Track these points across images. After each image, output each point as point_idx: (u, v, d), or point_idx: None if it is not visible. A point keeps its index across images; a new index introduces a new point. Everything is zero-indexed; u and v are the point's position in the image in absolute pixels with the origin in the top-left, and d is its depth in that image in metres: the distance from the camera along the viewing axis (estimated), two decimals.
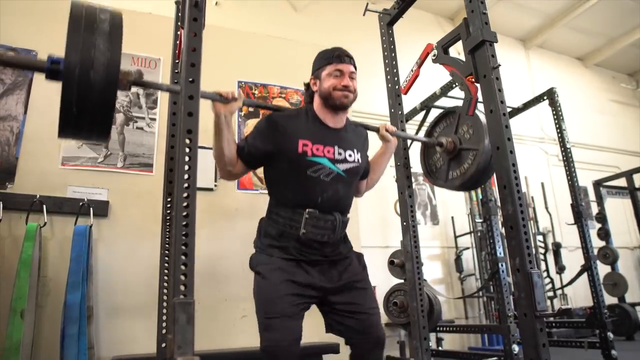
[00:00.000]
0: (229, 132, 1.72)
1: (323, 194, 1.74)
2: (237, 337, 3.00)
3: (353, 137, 1.91)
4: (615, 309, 5.10)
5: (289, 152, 1.73)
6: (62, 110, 1.14)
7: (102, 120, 1.20)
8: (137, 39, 3.25)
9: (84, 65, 1.13)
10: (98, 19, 1.19)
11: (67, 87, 1.12)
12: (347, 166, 1.81)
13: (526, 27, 7.46)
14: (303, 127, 1.79)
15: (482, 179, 2.11)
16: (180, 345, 0.98)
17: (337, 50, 1.86)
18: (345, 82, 1.79)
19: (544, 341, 1.46)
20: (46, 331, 2.59)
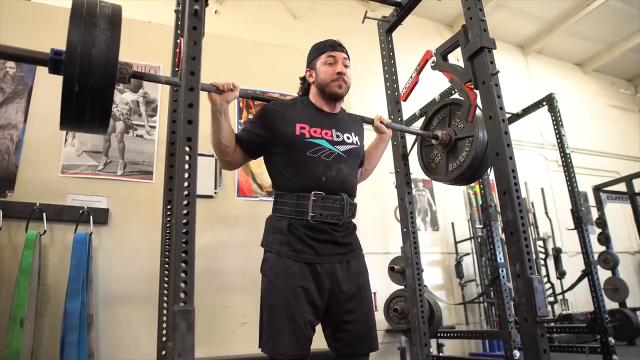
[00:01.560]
0: (227, 120, 1.74)
1: (326, 172, 1.74)
2: (237, 344, 2.99)
3: (349, 122, 1.96)
4: (616, 314, 5.08)
5: (287, 135, 1.75)
6: (64, 101, 1.18)
7: (102, 109, 1.23)
8: (137, 47, 3.27)
9: (85, 56, 1.17)
10: (99, 12, 1.23)
11: (69, 78, 1.16)
12: (347, 147, 1.84)
13: (525, 33, 7.49)
14: (300, 113, 1.83)
15: (481, 167, 2.09)
16: (180, 352, 0.98)
17: (330, 40, 1.92)
18: (339, 68, 1.84)
19: (544, 347, 1.45)
20: (46, 339, 2.58)
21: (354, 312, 1.72)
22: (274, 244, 1.72)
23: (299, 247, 1.69)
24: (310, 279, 1.66)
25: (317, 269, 1.68)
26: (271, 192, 3.42)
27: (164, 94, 3.22)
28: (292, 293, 1.62)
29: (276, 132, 1.77)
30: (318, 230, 1.71)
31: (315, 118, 1.83)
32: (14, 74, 2.93)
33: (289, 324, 1.58)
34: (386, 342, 4.53)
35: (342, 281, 1.72)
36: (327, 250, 1.72)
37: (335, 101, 1.90)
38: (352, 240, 1.82)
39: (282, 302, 1.61)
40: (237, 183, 3.37)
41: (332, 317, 1.72)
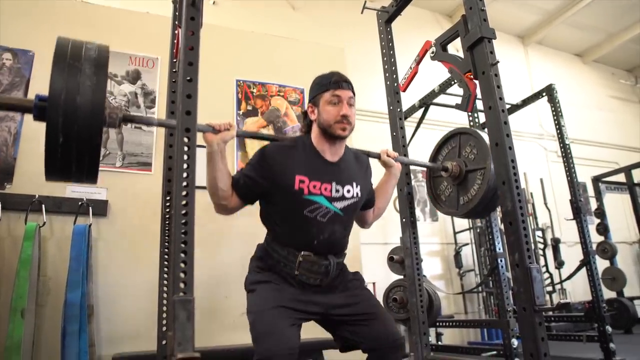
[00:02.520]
0: (223, 163, 1.65)
1: (319, 236, 1.70)
2: (236, 334, 3.00)
3: (353, 169, 1.86)
4: (613, 303, 5.12)
5: (285, 187, 1.68)
6: (48, 152, 1.11)
7: (90, 160, 1.16)
8: (135, 38, 3.26)
9: (69, 103, 1.10)
10: (84, 55, 1.16)
11: (52, 127, 1.10)
12: (345, 204, 1.77)
13: (525, 24, 7.46)
14: (300, 160, 1.73)
15: (494, 200, 2.01)
16: (180, 342, 0.99)
17: (335, 75, 1.78)
18: (343, 110, 1.72)
19: (542, 335, 1.46)
20: (47, 330, 2.60)
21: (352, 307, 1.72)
22: (260, 269, 1.77)
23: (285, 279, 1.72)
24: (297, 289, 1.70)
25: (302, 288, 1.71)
26: None
27: (162, 85, 3.21)
28: (279, 300, 1.63)
29: (274, 182, 1.70)
30: (301, 283, 1.72)
31: (315, 169, 1.74)
32: (10, 65, 2.92)
33: (275, 325, 1.55)
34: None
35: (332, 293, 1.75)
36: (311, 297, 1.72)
37: (338, 141, 1.79)
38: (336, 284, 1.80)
39: (268, 306, 1.61)
40: None
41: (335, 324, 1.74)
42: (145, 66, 3.29)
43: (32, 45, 2.99)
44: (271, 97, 3.63)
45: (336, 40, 4.48)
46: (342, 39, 4.75)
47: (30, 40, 3.00)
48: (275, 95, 3.65)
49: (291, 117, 3.66)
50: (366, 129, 4.99)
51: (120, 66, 3.23)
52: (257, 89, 3.60)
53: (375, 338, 1.67)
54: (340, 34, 5.39)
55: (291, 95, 3.70)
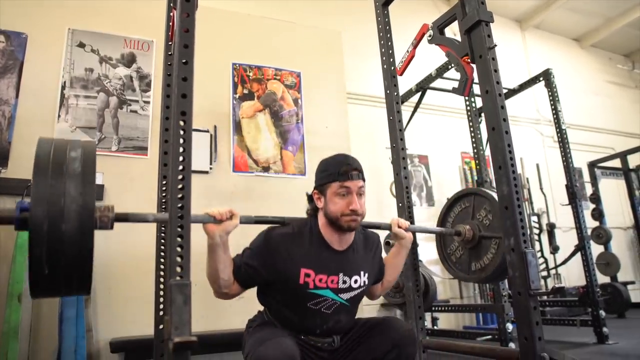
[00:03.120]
0: (226, 254, 1.56)
1: (323, 325, 1.63)
2: (233, 318, 3.02)
3: (362, 255, 1.76)
4: (607, 288, 5.17)
5: (289, 281, 1.59)
6: (32, 269, 1.00)
7: (80, 274, 1.06)
8: (130, 21, 3.22)
9: (53, 216, 1.00)
10: (68, 158, 1.07)
11: (36, 242, 0.99)
12: (352, 294, 1.69)
13: (522, 8, 7.39)
14: (306, 252, 1.63)
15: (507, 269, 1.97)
16: (177, 326, 0.99)
17: (344, 165, 1.64)
18: (353, 205, 1.60)
19: (537, 319, 1.48)
20: (44, 315, 2.61)
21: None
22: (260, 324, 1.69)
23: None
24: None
25: None
26: (267, 167, 3.42)
27: (157, 69, 3.18)
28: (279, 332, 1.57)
29: (278, 275, 1.61)
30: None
31: (322, 261, 1.64)
32: (3, 48, 2.88)
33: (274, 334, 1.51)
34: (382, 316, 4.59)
35: None
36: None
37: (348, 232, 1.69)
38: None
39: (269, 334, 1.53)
40: (233, 158, 3.36)
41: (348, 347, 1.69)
42: (140, 49, 3.26)
43: (25, 27, 2.95)
44: (267, 81, 3.60)
45: (333, 24, 4.44)
46: (340, 23, 4.70)
47: (23, 22, 2.96)
48: (271, 79, 3.62)
49: (287, 100, 3.64)
50: (363, 114, 4.97)
51: (115, 49, 3.19)
52: (253, 72, 3.57)
53: (392, 336, 1.60)
54: (337, 17, 5.33)
55: (287, 79, 3.67)
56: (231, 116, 3.40)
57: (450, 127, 5.66)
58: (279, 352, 1.37)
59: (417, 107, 3.93)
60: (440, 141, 5.71)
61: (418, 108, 3.93)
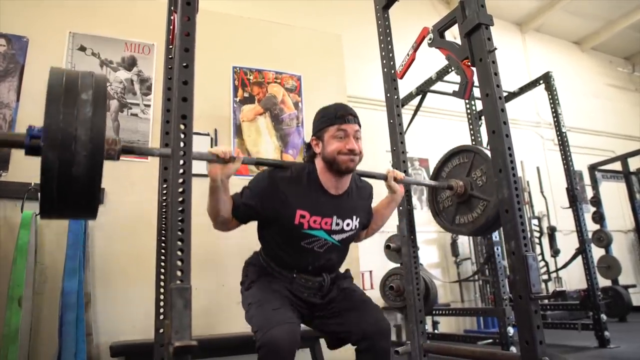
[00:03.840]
0: (226, 195, 1.66)
1: (315, 263, 1.75)
2: (234, 322, 3.01)
3: (355, 200, 1.85)
4: (608, 292, 5.16)
5: (285, 220, 1.69)
6: (43, 190, 1.04)
7: (89, 197, 1.11)
8: (131, 24, 3.23)
9: (65, 142, 1.03)
10: (80, 86, 1.09)
11: (47, 166, 1.02)
12: (344, 236, 1.80)
13: (523, 11, 7.41)
14: (303, 194, 1.71)
15: (491, 230, 2.06)
16: (177, 330, 0.99)
17: (340, 109, 1.75)
18: (350, 145, 1.69)
19: (538, 323, 1.47)
20: (44, 318, 2.60)
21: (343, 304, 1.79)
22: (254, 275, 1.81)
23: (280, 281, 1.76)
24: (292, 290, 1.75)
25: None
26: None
27: (158, 72, 3.18)
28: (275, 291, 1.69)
29: (274, 214, 1.70)
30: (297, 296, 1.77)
31: (318, 204, 1.73)
32: (4, 51, 2.88)
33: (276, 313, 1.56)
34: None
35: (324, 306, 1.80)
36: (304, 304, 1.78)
37: (344, 175, 1.77)
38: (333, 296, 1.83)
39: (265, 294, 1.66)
40: None
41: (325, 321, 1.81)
42: (141, 52, 3.26)
43: (26, 31, 2.96)
44: (268, 84, 3.61)
45: (333, 27, 4.44)
46: (339, 26, 4.71)
47: (24, 25, 2.96)
48: (272, 82, 3.62)
49: (288, 104, 3.64)
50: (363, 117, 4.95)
51: (115, 52, 3.20)
52: (253, 75, 3.58)
53: (364, 326, 1.69)
54: (337, 20, 5.35)
55: (288, 82, 3.67)
56: (232, 119, 3.40)
57: (450, 130, 5.66)
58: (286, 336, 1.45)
59: (418, 110, 3.93)
60: (441, 144, 5.69)
61: (418, 111, 3.93)
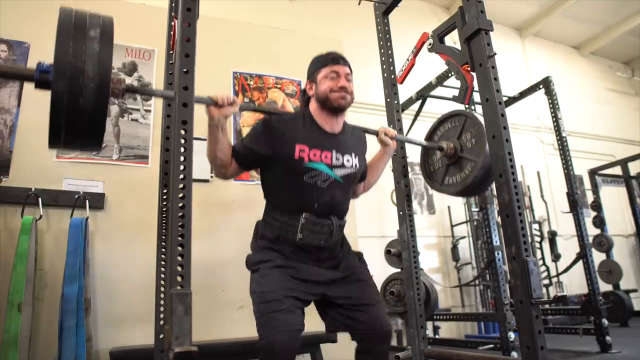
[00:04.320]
0: (224, 136, 1.69)
1: (319, 199, 1.73)
2: (234, 327, 3.01)
3: (351, 141, 1.90)
4: (609, 296, 5.14)
5: (285, 156, 1.71)
6: (52, 121, 1.11)
7: (95, 130, 1.17)
8: (131, 30, 3.23)
9: (74, 74, 1.09)
10: (88, 24, 1.14)
11: (57, 98, 1.08)
12: (345, 172, 1.80)
13: (522, 16, 7.43)
14: (300, 131, 1.77)
15: (478, 190, 2.10)
16: (177, 336, 0.98)
17: (332, 53, 1.85)
18: (341, 83, 1.78)
19: (539, 328, 1.47)
20: (44, 324, 2.59)
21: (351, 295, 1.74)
22: (260, 248, 1.76)
23: (286, 254, 1.72)
24: (300, 268, 1.70)
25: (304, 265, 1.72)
26: None
27: (159, 78, 3.18)
28: (283, 277, 1.65)
29: (274, 151, 1.73)
30: (304, 249, 1.73)
31: (315, 138, 1.78)
32: (6, 57, 2.89)
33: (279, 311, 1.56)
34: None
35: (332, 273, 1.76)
36: (313, 263, 1.74)
37: (338, 114, 1.84)
38: (338, 253, 1.82)
39: (273, 285, 1.63)
40: None
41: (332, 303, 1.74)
42: (141, 58, 3.27)
43: (27, 36, 2.97)
44: (268, 90, 3.61)
45: (333, 32, 4.45)
46: (340, 31, 4.71)
47: (26, 31, 2.97)
48: (272, 87, 3.63)
49: (288, 109, 3.65)
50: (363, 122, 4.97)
51: (116, 58, 3.20)
52: (254, 81, 3.58)
53: (370, 326, 1.70)
54: (337, 25, 5.36)
55: (288, 88, 3.68)
56: (232, 125, 3.41)
57: None
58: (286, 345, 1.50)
59: (418, 115, 3.94)
60: None
61: (418, 116, 3.94)
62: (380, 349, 1.72)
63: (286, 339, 1.50)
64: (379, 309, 1.77)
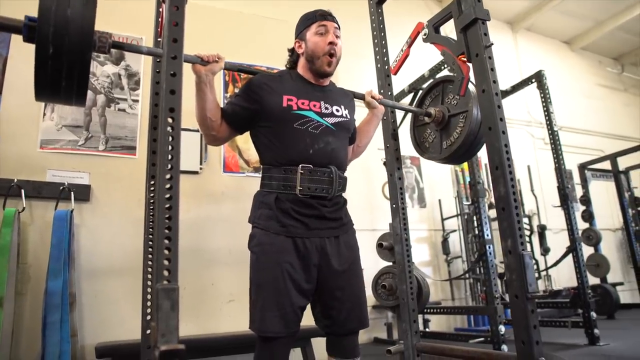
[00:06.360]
0: (212, 93, 1.68)
1: (314, 145, 1.69)
2: (223, 321, 2.97)
3: (339, 96, 1.90)
4: (597, 289, 5.19)
5: (273, 107, 1.70)
6: (38, 66, 1.12)
7: (80, 76, 1.17)
8: (119, 18, 3.16)
9: (59, 16, 1.11)
10: None
11: (42, 39, 1.10)
12: (336, 120, 1.79)
13: (514, 10, 7.42)
14: (287, 85, 1.78)
15: (475, 144, 2.00)
16: (164, 333, 0.94)
17: (319, 10, 1.85)
18: (330, 38, 1.78)
19: (535, 323, 1.45)
20: (27, 319, 2.54)
21: (344, 289, 1.69)
22: (261, 219, 1.68)
23: (286, 221, 1.65)
24: (297, 254, 1.63)
25: (305, 243, 1.65)
26: (258, 167, 3.37)
27: (146, 66, 3.12)
28: (279, 270, 1.59)
29: (262, 104, 1.71)
30: (306, 204, 1.67)
31: (303, 90, 1.78)
32: None
33: (275, 303, 1.56)
34: (373, 318, 4.55)
35: (331, 256, 1.68)
36: (315, 225, 1.68)
37: (323, 77, 1.85)
38: (341, 215, 1.78)
39: (269, 279, 1.59)
40: (223, 159, 3.31)
41: (322, 294, 1.69)
42: None
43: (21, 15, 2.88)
44: None
45: None
46: None
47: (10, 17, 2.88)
48: None
49: None
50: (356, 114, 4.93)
51: None
52: None
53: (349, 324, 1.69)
54: None
55: None
56: None
57: None
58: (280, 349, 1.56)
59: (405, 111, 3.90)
60: None
61: None
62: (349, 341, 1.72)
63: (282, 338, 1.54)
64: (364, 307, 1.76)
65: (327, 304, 1.69)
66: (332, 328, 1.70)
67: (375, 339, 4.59)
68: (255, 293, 1.61)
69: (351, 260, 1.75)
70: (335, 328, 1.69)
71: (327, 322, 1.70)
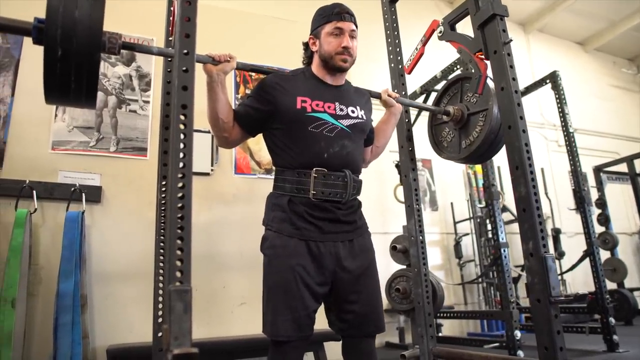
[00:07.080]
0: (224, 93, 1.64)
1: (329, 149, 1.65)
2: (235, 324, 2.94)
3: (354, 96, 1.85)
4: (614, 294, 5.09)
5: (287, 109, 1.65)
6: (47, 68, 1.11)
7: (89, 77, 1.16)
8: (130, 19, 3.16)
9: (67, 18, 1.10)
10: None
11: (51, 41, 1.09)
12: (351, 122, 1.73)
13: (527, 11, 7.33)
14: (301, 85, 1.73)
15: (496, 143, 1.94)
16: (176, 336, 0.91)
17: (337, 6, 1.78)
18: (345, 42, 1.72)
19: (558, 328, 1.40)
20: (39, 321, 2.53)
21: (360, 293, 1.64)
22: (274, 222, 1.65)
23: (300, 224, 1.61)
24: (311, 258, 1.59)
25: (319, 247, 1.61)
26: (270, 169, 3.34)
27: (157, 67, 3.11)
28: (292, 274, 1.55)
29: (276, 106, 1.67)
30: (320, 208, 1.63)
31: (317, 90, 1.73)
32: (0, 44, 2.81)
33: (288, 306, 1.52)
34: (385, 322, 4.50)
35: (345, 260, 1.64)
36: (329, 228, 1.64)
37: (338, 73, 1.79)
38: (356, 218, 1.74)
39: (282, 282, 1.55)
40: (235, 160, 3.28)
41: (337, 298, 1.65)
42: None
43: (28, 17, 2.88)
44: None
45: None
46: None
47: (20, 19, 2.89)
48: None
49: None
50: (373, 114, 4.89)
51: None
52: None
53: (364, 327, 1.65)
54: None
55: None
56: None
57: None
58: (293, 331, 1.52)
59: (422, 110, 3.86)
60: None
61: (422, 111, 3.86)
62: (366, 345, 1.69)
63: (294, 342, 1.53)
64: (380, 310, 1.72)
65: (342, 308, 1.65)
66: (349, 331, 1.66)
67: (387, 343, 4.54)
68: (268, 296, 1.58)
69: (367, 263, 1.70)
70: (351, 331, 1.65)
71: (342, 325, 1.66)
